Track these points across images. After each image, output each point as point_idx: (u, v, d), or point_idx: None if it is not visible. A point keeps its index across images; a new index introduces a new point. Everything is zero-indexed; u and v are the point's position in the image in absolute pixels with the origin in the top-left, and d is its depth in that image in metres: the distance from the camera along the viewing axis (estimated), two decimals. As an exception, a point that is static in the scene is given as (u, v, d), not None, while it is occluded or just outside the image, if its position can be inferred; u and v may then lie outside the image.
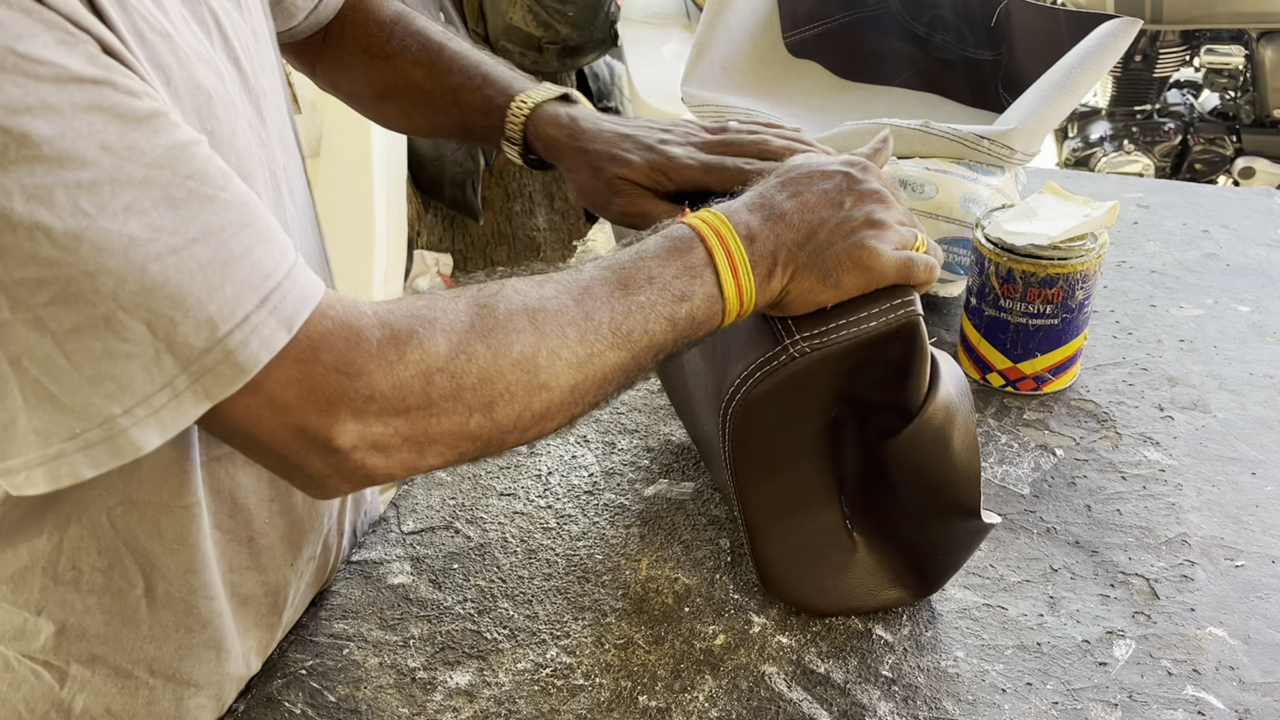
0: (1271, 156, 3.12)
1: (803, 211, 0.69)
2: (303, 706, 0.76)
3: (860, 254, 0.69)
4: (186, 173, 0.52)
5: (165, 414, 0.53)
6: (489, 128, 0.88)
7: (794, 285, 0.69)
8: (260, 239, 0.54)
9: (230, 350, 0.52)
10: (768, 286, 0.68)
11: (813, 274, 0.69)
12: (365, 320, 0.57)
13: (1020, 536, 0.89)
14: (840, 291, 0.70)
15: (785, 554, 0.80)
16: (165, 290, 0.51)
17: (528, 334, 0.60)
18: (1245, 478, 0.95)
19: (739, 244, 0.67)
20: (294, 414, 0.55)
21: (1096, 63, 1.17)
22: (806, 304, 0.70)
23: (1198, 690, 0.75)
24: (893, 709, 0.74)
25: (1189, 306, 1.20)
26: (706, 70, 1.29)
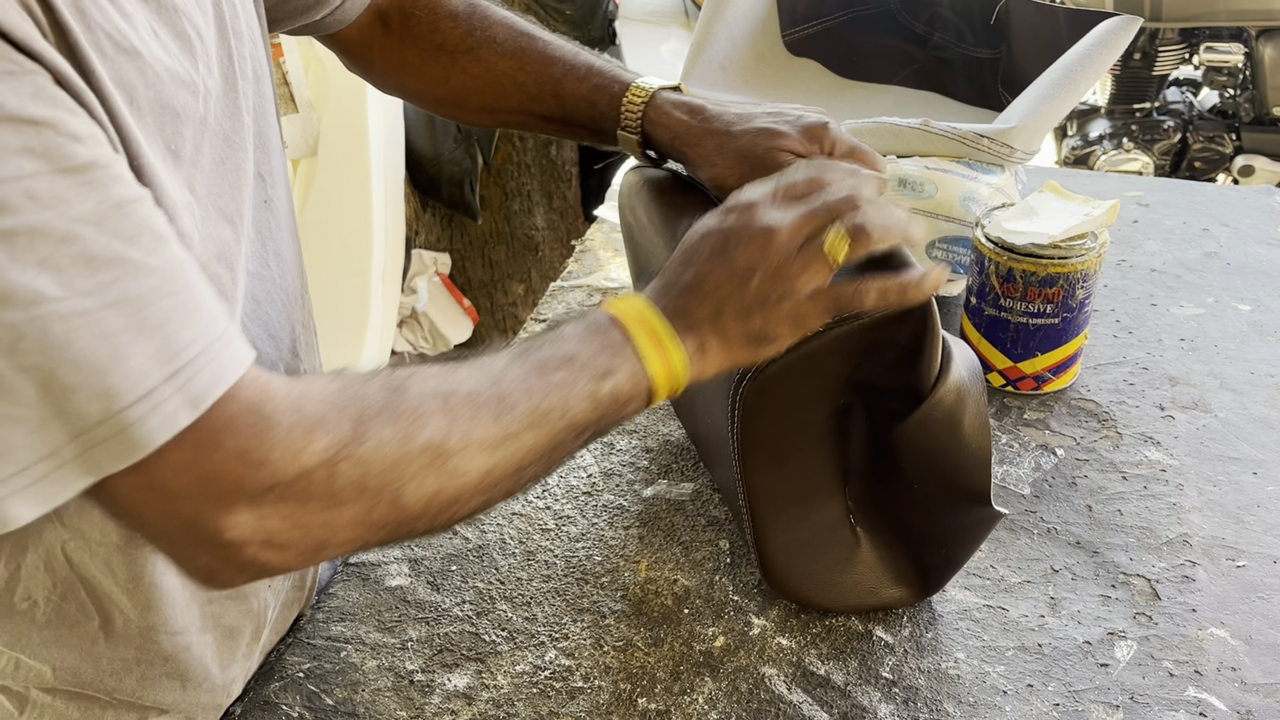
0: (1271, 154, 3.12)
1: (701, 283, 0.66)
2: (300, 710, 0.75)
3: (778, 316, 0.66)
4: (114, 231, 0.48)
5: (45, 485, 0.49)
6: (597, 117, 0.85)
7: (734, 353, 0.67)
8: (181, 310, 0.50)
9: (126, 425, 0.48)
10: (704, 360, 0.66)
11: (747, 342, 0.66)
12: (276, 404, 0.53)
13: (1021, 537, 0.89)
14: (782, 345, 0.68)
15: (788, 547, 0.80)
16: (65, 354, 0.47)
17: (438, 417, 0.57)
18: (1246, 477, 0.95)
19: (662, 322, 0.65)
20: (184, 503, 0.51)
21: (1097, 61, 1.17)
22: (759, 361, 0.69)
23: (1199, 691, 0.75)
24: (893, 711, 0.74)
25: (1189, 305, 1.20)
26: (705, 69, 1.28)
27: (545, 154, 2.62)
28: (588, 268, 1.32)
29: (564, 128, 0.89)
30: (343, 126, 2.14)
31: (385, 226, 2.23)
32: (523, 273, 2.72)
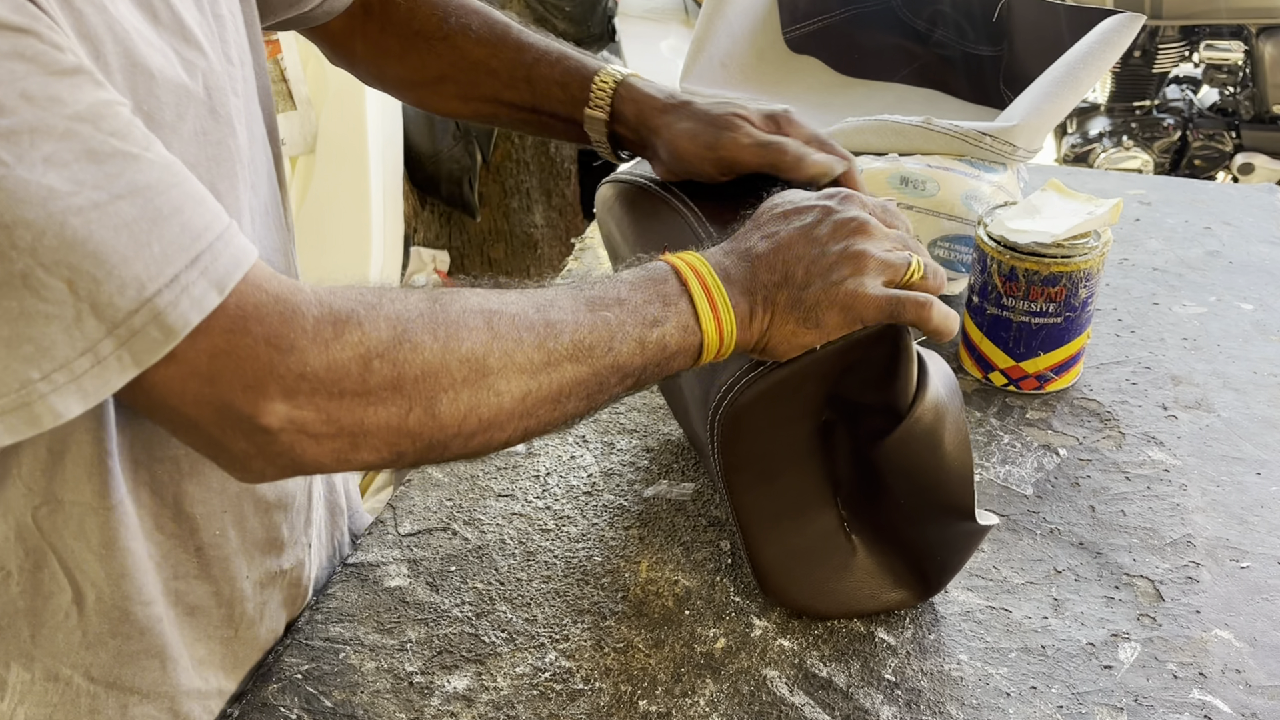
0: (1271, 152, 3.11)
1: (778, 251, 0.67)
2: (298, 712, 0.75)
3: (838, 293, 0.67)
4: (110, 129, 0.49)
5: (87, 380, 0.50)
6: (568, 100, 0.86)
7: (775, 328, 0.67)
8: (190, 199, 0.52)
9: (159, 311, 0.50)
10: (749, 328, 0.67)
11: (793, 316, 0.67)
12: (303, 297, 0.54)
13: (1023, 538, 0.88)
14: (823, 333, 0.68)
15: (783, 559, 0.79)
16: (87, 246, 0.48)
17: (480, 332, 0.58)
18: (1250, 478, 0.94)
19: (717, 281, 0.66)
20: (220, 387, 0.52)
21: (1099, 58, 1.16)
22: (791, 347, 0.68)
23: (1204, 694, 0.75)
24: (896, 713, 0.74)
25: (1192, 304, 1.19)
26: (705, 66, 1.28)
27: (544, 151, 2.61)
28: (587, 266, 1.31)
29: (534, 116, 0.90)
30: (341, 123, 2.14)
31: (384, 224, 2.22)
32: (522, 270, 2.72)
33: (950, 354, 1.11)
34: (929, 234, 1.10)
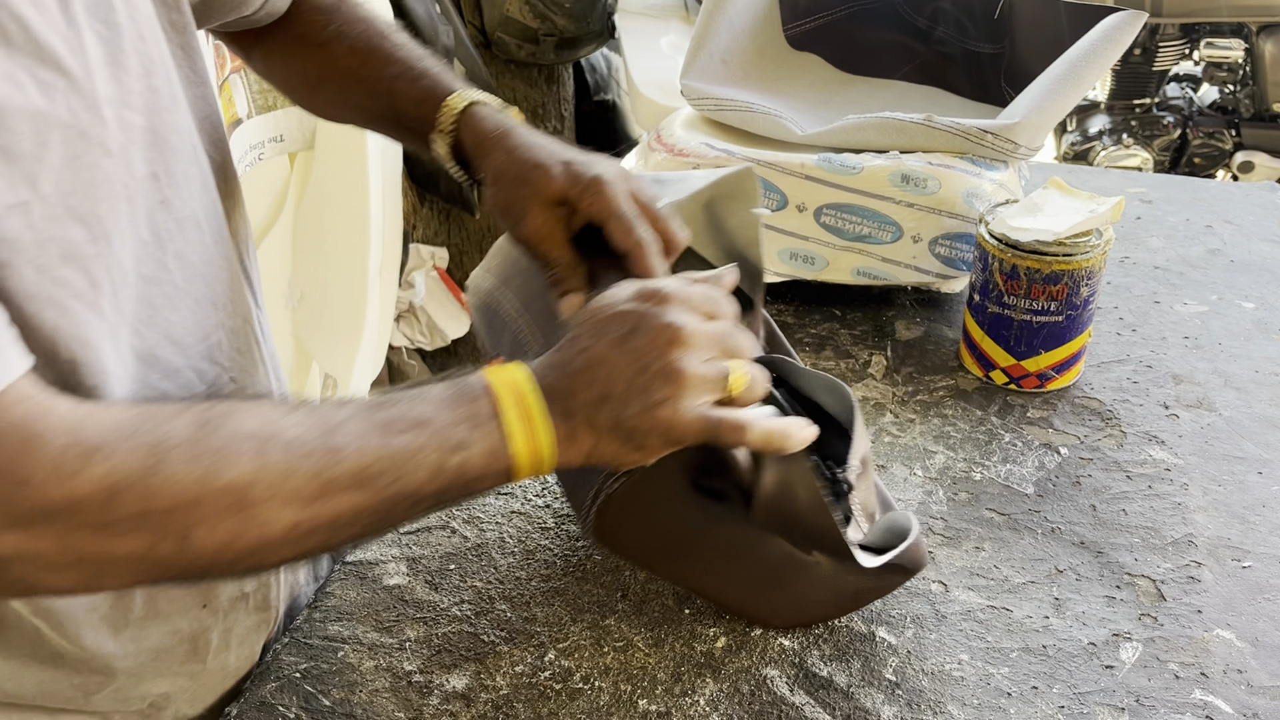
0: (1271, 151, 3.11)
1: (595, 367, 0.63)
2: (297, 711, 0.74)
3: (656, 418, 0.62)
4: None
5: None
6: (421, 119, 0.84)
7: (600, 449, 0.63)
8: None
9: None
10: (571, 449, 0.63)
11: (616, 437, 0.63)
12: (49, 423, 0.51)
13: (1025, 537, 0.88)
14: (647, 454, 0.64)
15: (752, 595, 0.79)
16: None
17: (248, 460, 0.55)
18: (1252, 477, 0.94)
19: (539, 401, 0.62)
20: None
21: (1101, 56, 1.16)
22: (621, 464, 0.65)
23: (1205, 694, 0.74)
24: (896, 713, 0.73)
25: (1193, 303, 1.19)
26: (706, 63, 1.27)
27: (544, 148, 2.60)
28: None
29: (397, 130, 0.89)
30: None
31: (383, 221, 2.22)
32: (521, 267, 2.71)
33: (951, 352, 1.11)
34: (930, 232, 1.10)
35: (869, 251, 1.12)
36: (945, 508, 0.91)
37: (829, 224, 1.12)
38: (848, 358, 1.11)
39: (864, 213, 1.11)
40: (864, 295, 1.20)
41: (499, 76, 2.29)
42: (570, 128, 2.64)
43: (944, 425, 1.01)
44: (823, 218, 1.12)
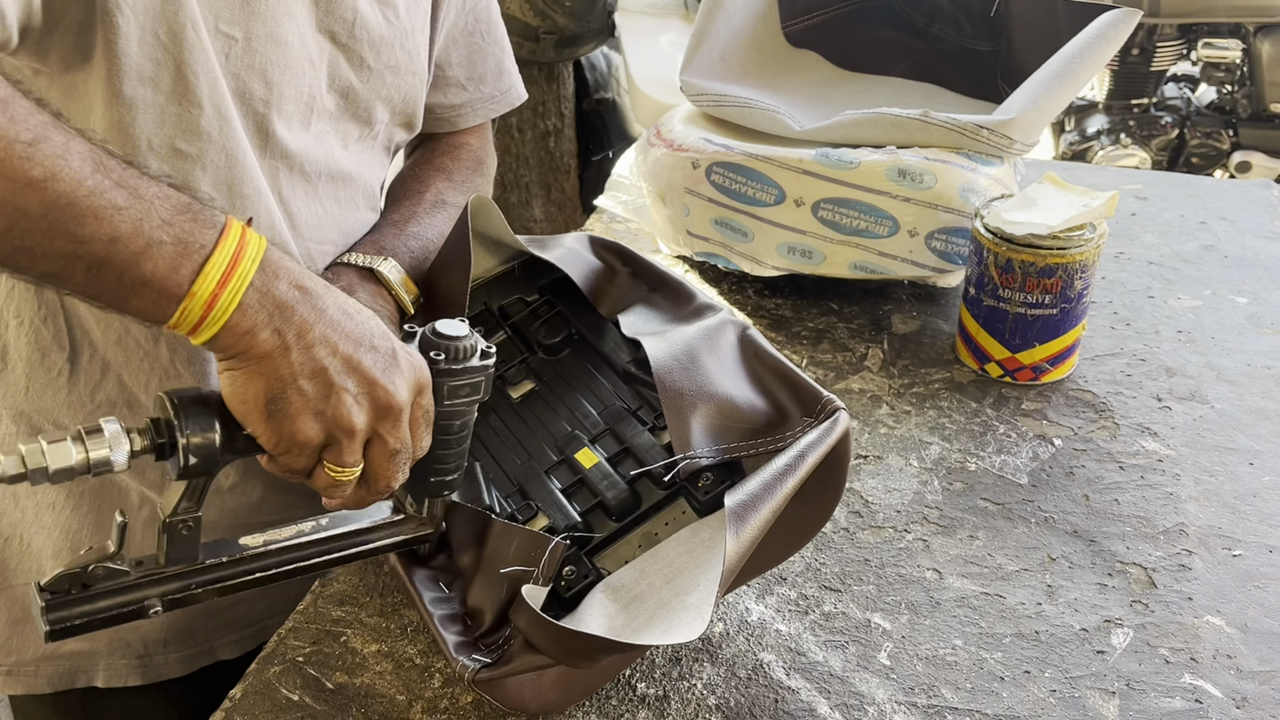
0: (1268, 150, 3.12)
1: (339, 321, 0.63)
2: (300, 693, 0.76)
3: (340, 392, 0.62)
4: None
5: None
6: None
7: (259, 347, 0.60)
8: None
9: None
10: (242, 321, 0.60)
11: (283, 356, 0.61)
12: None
13: (1018, 526, 0.89)
14: (286, 408, 0.62)
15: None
16: None
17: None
18: (1243, 468, 0.95)
19: (257, 265, 0.60)
20: None
21: (1096, 54, 1.17)
22: (236, 398, 0.62)
23: (1195, 679, 0.76)
24: (891, 697, 0.74)
25: (1187, 298, 1.20)
26: (705, 60, 1.28)
27: (544, 146, 2.61)
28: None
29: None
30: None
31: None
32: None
33: (947, 345, 1.12)
34: (926, 226, 1.11)
35: (866, 246, 1.13)
36: (940, 497, 0.92)
37: (826, 218, 1.13)
38: (845, 350, 1.12)
39: (861, 207, 1.12)
40: (861, 289, 1.21)
41: (499, 74, 2.30)
42: (570, 125, 2.65)
43: (939, 417, 1.02)
44: (820, 212, 1.13)
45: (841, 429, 0.72)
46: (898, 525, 0.89)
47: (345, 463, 0.64)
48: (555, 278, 0.92)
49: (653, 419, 0.81)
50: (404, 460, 0.67)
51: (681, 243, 1.24)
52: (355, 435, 0.64)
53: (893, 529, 0.89)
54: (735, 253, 1.20)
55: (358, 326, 0.64)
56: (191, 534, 0.65)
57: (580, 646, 0.65)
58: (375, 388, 0.63)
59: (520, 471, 0.82)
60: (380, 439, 0.65)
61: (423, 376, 0.67)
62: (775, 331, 1.15)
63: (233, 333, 0.60)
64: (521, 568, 0.71)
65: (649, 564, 0.71)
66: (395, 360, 0.65)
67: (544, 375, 0.89)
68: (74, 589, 0.63)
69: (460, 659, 0.68)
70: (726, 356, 0.79)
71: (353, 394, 0.63)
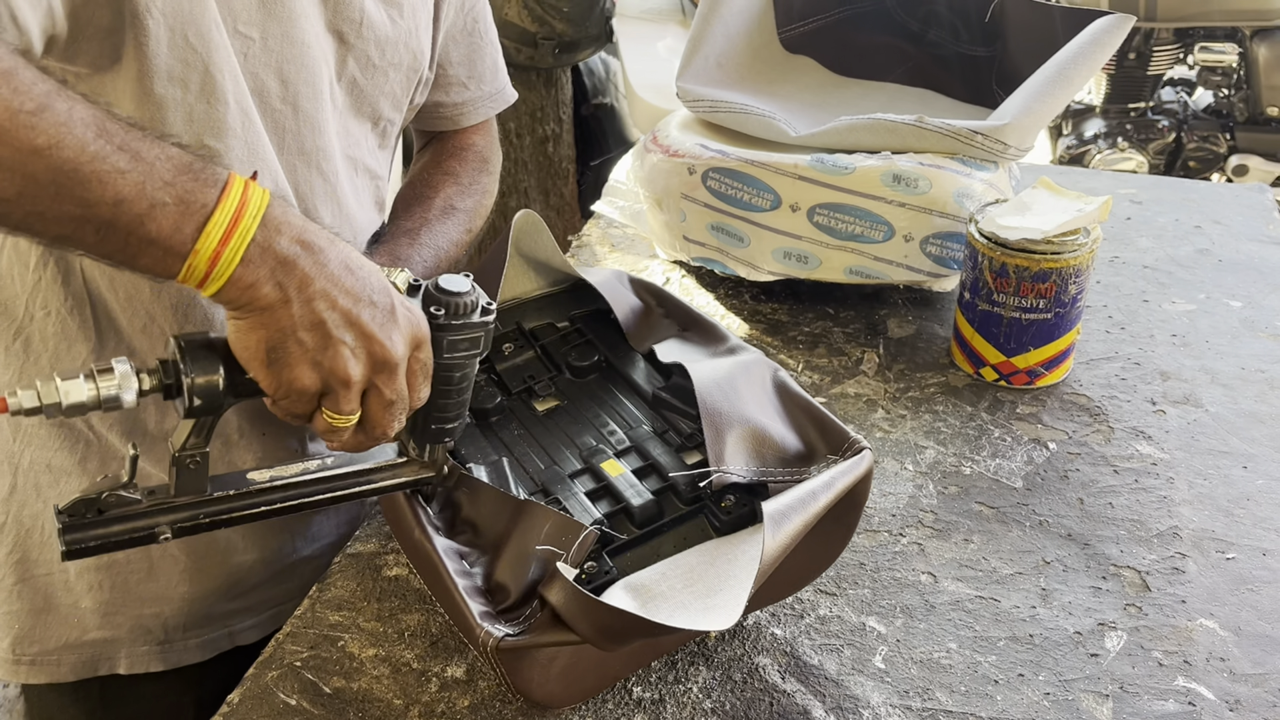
0: (1265, 154, 3.13)
1: (332, 286, 0.64)
2: (298, 698, 0.76)
3: (339, 341, 0.64)
4: None
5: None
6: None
7: (262, 297, 0.62)
8: None
9: None
10: (248, 285, 0.62)
11: (285, 309, 0.63)
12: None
13: (1013, 529, 0.89)
14: (286, 355, 0.64)
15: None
16: None
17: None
18: (1237, 471, 0.95)
19: (259, 219, 0.62)
20: None
21: (1090, 59, 1.18)
22: (240, 345, 0.64)
23: (1189, 681, 0.76)
24: (886, 700, 0.75)
25: (1181, 302, 1.21)
26: (701, 65, 1.29)
27: (542, 150, 2.62)
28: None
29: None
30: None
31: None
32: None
33: (943, 350, 1.13)
34: (921, 231, 1.11)
35: (861, 250, 1.14)
36: (935, 501, 0.93)
37: (822, 223, 1.14)
38: (840, 355, 1.13)
39: (856, 212, 1.12)
40: (856, 294, 1.22)
41: (497, 80, 2.31)
42: (568, 130, 2.65)
43: (935, 421, 1.02)
44: (816, 217, 1.14)
45: (865, 466, 0.74)
46: (893, 529, 0.90)
47: (342, 410, 0.67)
48: (590, 309, 0.95)
49: (679, 442, 0.83)
50: (400, 410, 0.70)
51: (678, 248, 1.24)
52: (351, 386, 0.66)
53: (888, 533, 0.90)
54: (732, 258, 1.20)
55: (358, 282, 0.66)
56: (199, 468, 0.68)
57: (611, 623, 0.65)
58: (372, 342, 0.66)
59: (544, 474, 0.83)
60: (377, 390, 0.67)
61: (420, 331, 0.69)
62: (771, 336, 1.16)
63: (236, 286, 0.62)
64: (552, 548, 0.72)
65: (669, 568, 0.72)
66: (393, 315, 0.67)
67: (571, 395, 0.91)
68: (90, 514, 0.66)
69: (485, 625, 0.69)
70: (760, 390, 0.82)
71: (350, 347, 0.65)
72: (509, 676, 0.70)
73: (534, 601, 0.70)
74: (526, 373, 0.92)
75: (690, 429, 0.83)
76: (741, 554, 0.71)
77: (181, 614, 0.90)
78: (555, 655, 0.70)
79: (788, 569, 0.73)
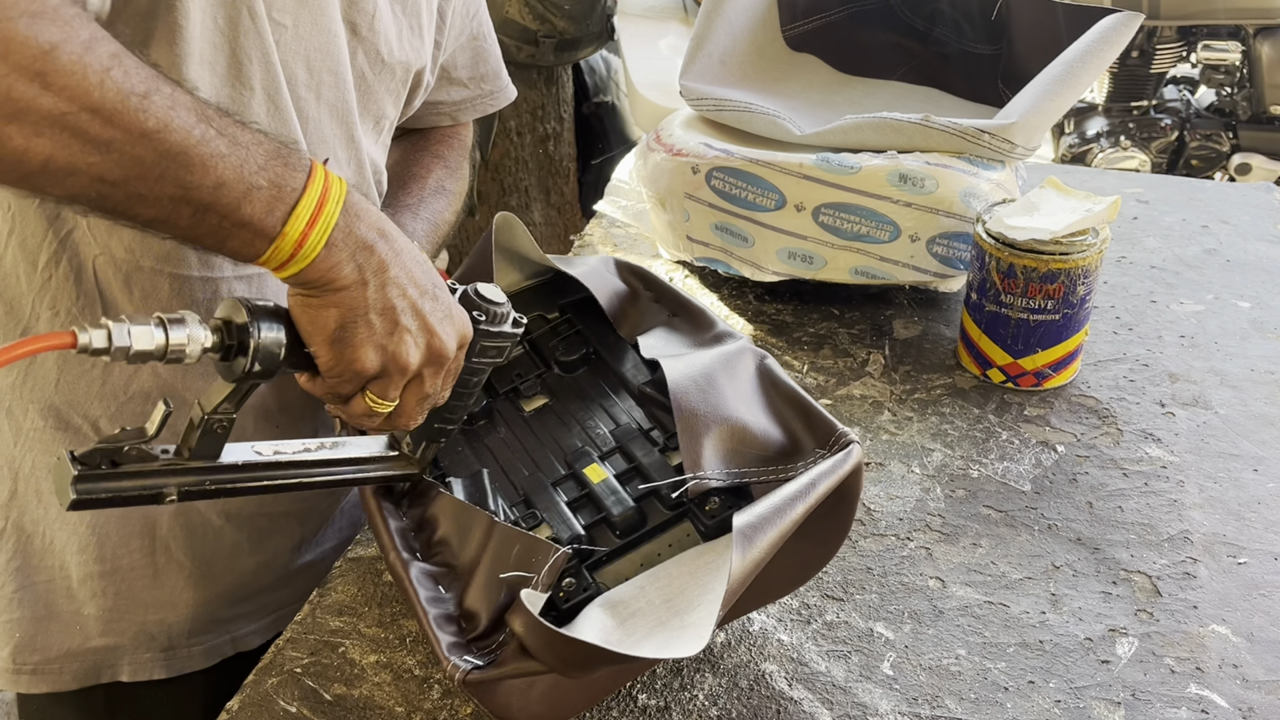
0: (1268, 153, 3.12)
1: (404, 274, 0.67)
2: (298, 705, 0.75)
3: (403, 330, 0.67)
4: None
5: None
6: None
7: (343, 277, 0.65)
8: None
9: None
10: (329, 267, 0.64)
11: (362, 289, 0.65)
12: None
13: (1021, 533, 0.88)
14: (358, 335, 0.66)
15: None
16: None
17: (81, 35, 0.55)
18: (1247, 474, 0.94)
19: (341, 206, 0.64)
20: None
21: (1097, 57, 1.16)
22: (308, 321, 0.66)
23: (1201, 689, 0.75)
24: (894, 707, 0.74)
25: (1189, 302, 1.20)
26: (705, 63, 1.28)
27: (543, 149, 2.61)
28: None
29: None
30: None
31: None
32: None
33: (949, 351, 1.12)
34: (928, 231, 1.10)
35: (867, 251, 1.13)
36: (943, 505, 0.92)
37: (827, 223, 1.13)
38: (846, 356, 1.12)
39: (862, 212, 1.11)
40: (862, 294, 1.21)
41: (498, 78, 2.30)
42: (570, 129, 2.65)
43: (941, 423, 1.01)
44: (821, 217, 1.13)
45: (853, 462, 0.72)
46: (900, 533, 0.89)
47: (388, 396, 0.69)
48: (577, 297, 0.93)
49: (665, 440, 0.81)
50: (429, 404, 0.72)
51: (681, 248, 1.23)
52: (407, 373, 0.68)
53: (895, 537, 0.88)
54: (736, 258, 1.19)
55: (425, 275, 0.69)
56: (224, 433, 0.68)
57: (575, 655, 0.64)
58: (433, 335, 0.68)
59: (527, 483, 0.81)
60: (420, 381, 0.70)
61: (467, 332, 0.71)
62: (776, 337, 1.15)
63: (319, 268, 0.64)
64: (521, 573, 0.70)
65: (649, 581, 0.71)
66: (450, 313, 0.70)
67: (558, 392, 0.89)
68: (104, 464, 0.65)
69: (452, 659, 0.67)
70: (743, 383, 0.79)
71: (413, 335, 0.67)
72: (486, 706, 0.69)
73: (503, 630, 0.69)
74: (514, 371, 0.91)
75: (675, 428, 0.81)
76: (723, 564, 0.70)
77: (185, 620, 0.89)
78: (533, 681, 0.68)
79: (776, 571, 0.70)
